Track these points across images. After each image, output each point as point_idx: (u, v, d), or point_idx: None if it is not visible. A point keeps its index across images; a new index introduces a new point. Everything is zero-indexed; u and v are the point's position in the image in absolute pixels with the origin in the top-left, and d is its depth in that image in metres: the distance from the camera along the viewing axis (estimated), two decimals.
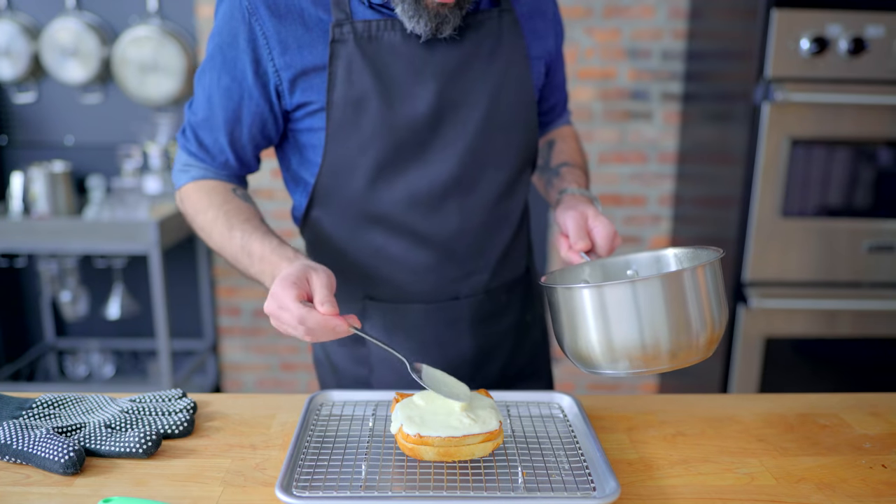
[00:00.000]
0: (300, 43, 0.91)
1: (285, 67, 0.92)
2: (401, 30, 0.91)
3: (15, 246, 2.38)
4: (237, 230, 0.94)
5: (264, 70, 0.93)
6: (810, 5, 1.89)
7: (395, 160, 0.95)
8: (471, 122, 0.96)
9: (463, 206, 0.99)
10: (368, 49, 0.91)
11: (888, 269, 2.06)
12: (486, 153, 0.98)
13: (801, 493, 0.77)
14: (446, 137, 0.95)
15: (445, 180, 0.97)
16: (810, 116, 1.95)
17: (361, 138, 0.93)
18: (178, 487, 0.77)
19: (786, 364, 2.14)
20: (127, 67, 2.66)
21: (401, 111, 0.93)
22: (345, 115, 0.93)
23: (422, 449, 0.77)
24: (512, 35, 0.98)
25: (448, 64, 0.94)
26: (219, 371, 2.94)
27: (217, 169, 1.02)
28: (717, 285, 0.78)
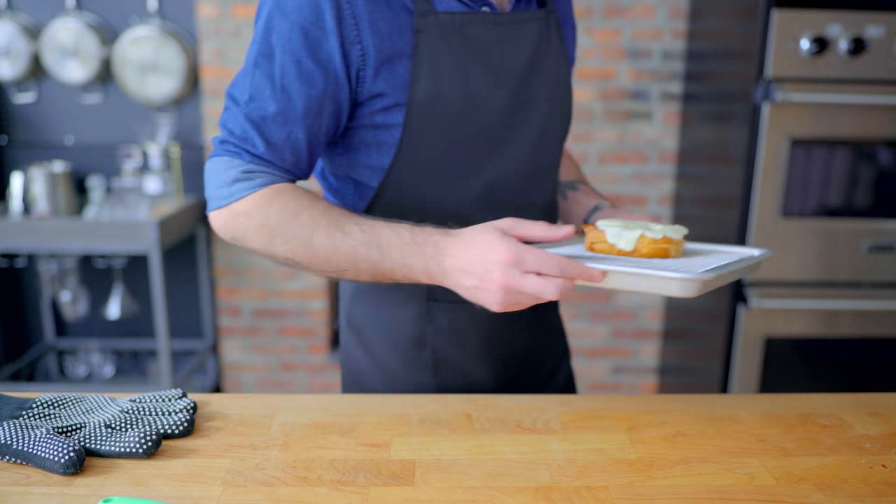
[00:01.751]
0: (390, 27, 0.85)
1: (373, 51, 0.84)
2: (482, 22, 0.90)
3: (15, 246, 2.38)
4: (351, 226, 0.83)
5: (349, 53, 0.84)
6: (810, 5, 1.89)
7: (471, 159, 0.92)
8: (536, 122, 0.97)
9: (526, 205, 0.98)
10: (453, 42, 0.88)
11: (888, 269, 2.06)
12: (546, 152, 1.00)
13: (801, 493, 0.77)
14: (516, 136, 0.95)
15: (516, 178, 0.96)
16: (810, 116, 1.95)
17: (441, 135, 0.90)
18: (178, 487, 0.77)
19: (786, 364, 2.14)
20: (127, 67, 2.66)
21: (480, 109, 0.91)
22: (427, 105, 0.88)
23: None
24: (557, 34, 1.00)
25: (520, 58, 0.93)
26: (219, 371, 2.94)
27: (283, 172, 0.89)
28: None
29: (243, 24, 2.59)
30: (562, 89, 1.01)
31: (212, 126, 2.69)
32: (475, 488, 0.78)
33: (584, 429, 0.92)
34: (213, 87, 2.65)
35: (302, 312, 2.85)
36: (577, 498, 0.76)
